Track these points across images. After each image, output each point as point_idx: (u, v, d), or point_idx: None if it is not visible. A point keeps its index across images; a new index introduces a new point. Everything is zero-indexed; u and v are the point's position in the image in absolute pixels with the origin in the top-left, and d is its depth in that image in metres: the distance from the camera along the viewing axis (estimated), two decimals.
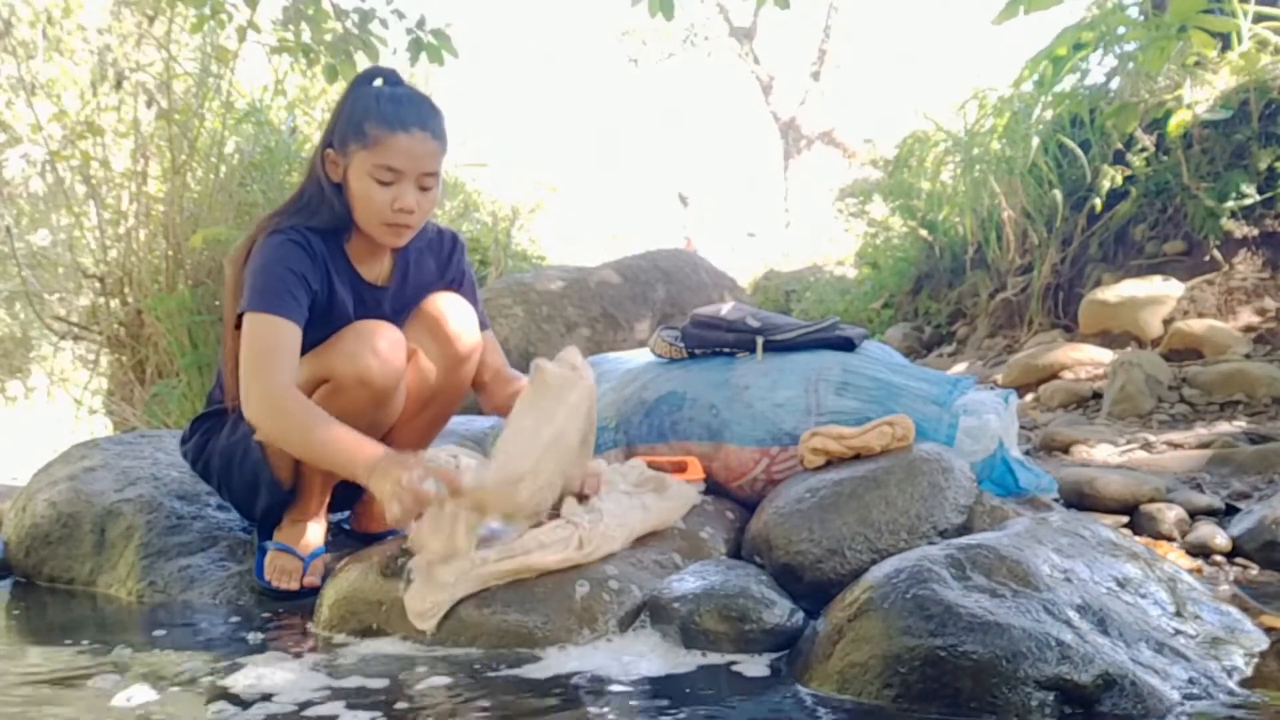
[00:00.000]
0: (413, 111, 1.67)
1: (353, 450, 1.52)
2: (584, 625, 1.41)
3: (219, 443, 1.82)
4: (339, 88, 4.49)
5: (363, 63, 4.32)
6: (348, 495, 1.97)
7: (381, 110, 1.66)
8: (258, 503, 1.82)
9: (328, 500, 1.90)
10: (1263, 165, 3.84)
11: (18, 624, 1.84)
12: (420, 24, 4.18)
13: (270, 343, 1.59)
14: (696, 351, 2.03)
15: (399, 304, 1.85)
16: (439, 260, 1.93)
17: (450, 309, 1.86)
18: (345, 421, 1.60)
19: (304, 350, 1.67)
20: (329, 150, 1.71)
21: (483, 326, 1.96)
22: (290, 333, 1.61)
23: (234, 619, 1.71)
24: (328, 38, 4.20)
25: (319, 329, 1.70)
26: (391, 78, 1.76)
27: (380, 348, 1.68)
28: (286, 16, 4.21)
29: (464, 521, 1.43)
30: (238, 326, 1.65)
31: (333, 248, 1.74)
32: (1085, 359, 3.76)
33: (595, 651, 1.38)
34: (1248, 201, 3.85)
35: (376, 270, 1.82)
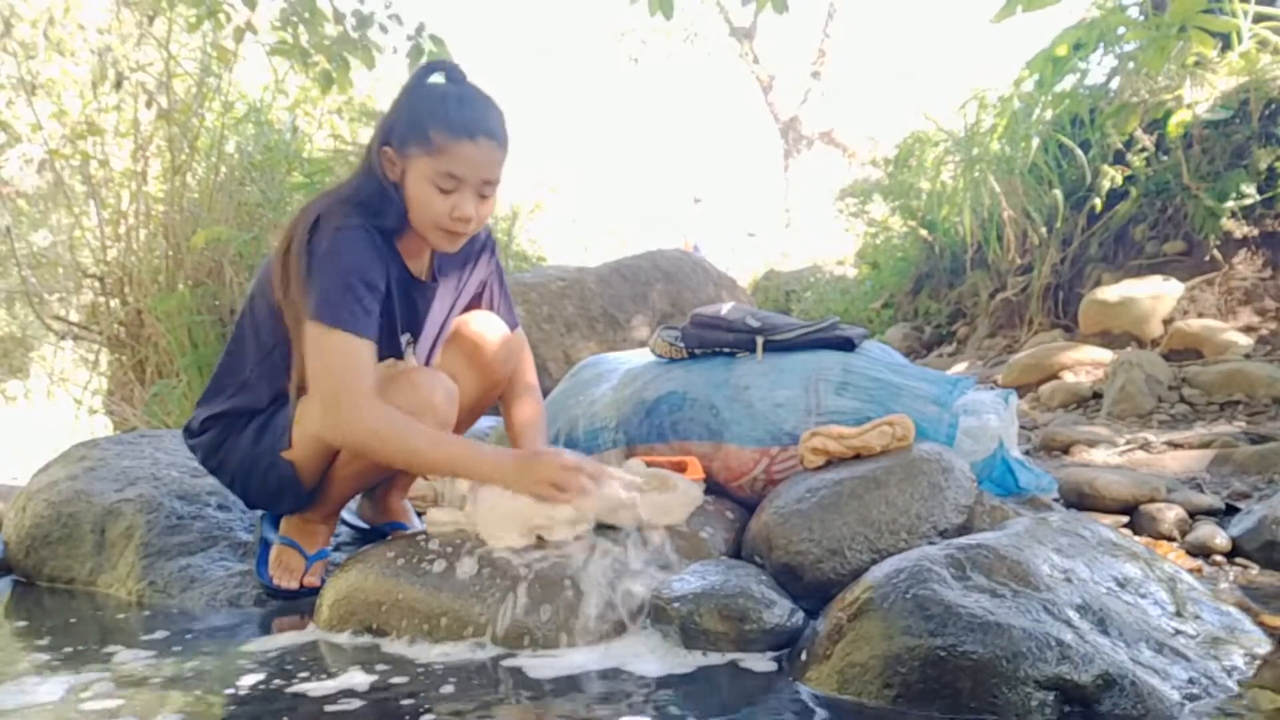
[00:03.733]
0: (479, 116, 1.60)
1: (475, 457, 1.59)
2: (584, 625, 1.41)
3: (239, 448, 1.76)
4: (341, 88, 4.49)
5: (357, 68, 4.32)
6: None
7: (448, 115, 1.58)
8: (280, 507, 1.82)
9: (343, 505, 1.89)
10: (1263, 165, 3.84)
11: (18, 624, 1.84)
12: (419, 30, 4.19)
13: (353, 364, 1.55)
14: (696, 351, 2.03)
15: (436, 299, 1.84)
16: (471, 253, 1.89)
17: (488, 332, 1.87)
18: (387, 465, 1.70)
19: None
20: (387, 149, 1.64)
21: (513, 325, 1.96)
22: (370, 351, 1.58)
23: (233, 619, 1.71)
24: (325, 41, 4.20)
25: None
26: (454, 74, 1.68)
27: (437, 402, 1.66)
28: (284, 18, 4.21)
29: (525, 522, 1.55)
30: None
31: (390, 244, 1.69)
32: (1085, 359, 3.76)
33: (595, 651, 1.38)
34: (1248, 201, 3.85)
35: (420, 266, 1.79)
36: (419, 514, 2.12)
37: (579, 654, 1.37)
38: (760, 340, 1.94)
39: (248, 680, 1.32)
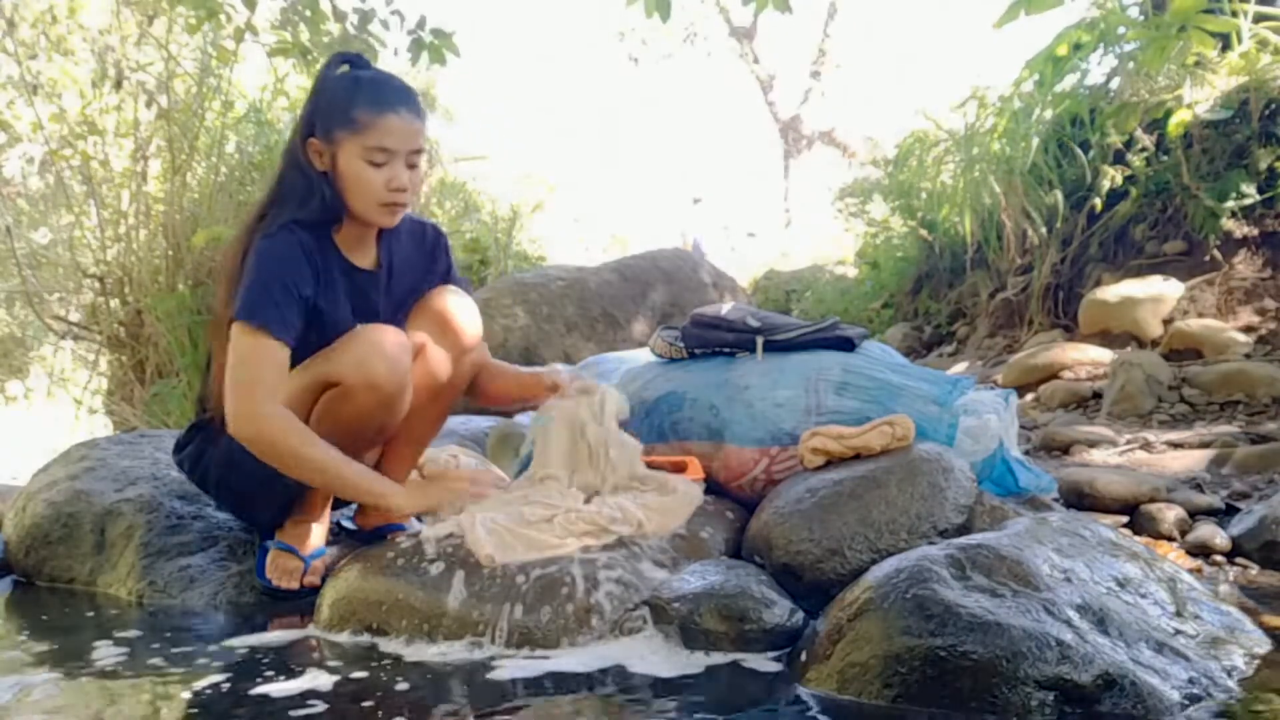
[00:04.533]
0: (395, 93, 1.69)
1: (360, 476, 1.65)
2: (584, 625, 1.41)
3: (216, 452, 1.79)
4: None
5: None
6: None
7: (366, 95, 1.66)
8: (258, 510, 1.82)
9: (331, 501, 1.89)
10: (1263, 165, 3.83)
11: (18, 624, 1.84)
12: (420, 24, 4.18)
13: (262, 362, 1.58)
14: (696, 351, 2.03)
15: (388, 289, 1.85)
16: (423, 251, 1.92)
17: (455, 303, 1.87)
18: (353, 426, 1.68)
19: (306, 351, 1.67)
20: (312, 140, 1.69)
21: None
22: (281, 355, 1.60)
23: (234, 619, 1.71)
24: (325, 39, 4.20)
25: (316, 329, 1.70)
26: (359, 62, 1.76)
27: (389, 352, 1.67)
28: (284, 18, 4.21)
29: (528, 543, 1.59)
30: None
31: (321, 238, 1.72)
32: (1085, 359, 3.75)
33: (595, 651, 1.38)
34: (1248, 201, 3.85)
35: (364, 257, 1.81)
36: (418, 516, 2.12)
37: (578, 654, 1.37)
38: (760, 340, 1.94)
39: (218, 679, 1.32)
